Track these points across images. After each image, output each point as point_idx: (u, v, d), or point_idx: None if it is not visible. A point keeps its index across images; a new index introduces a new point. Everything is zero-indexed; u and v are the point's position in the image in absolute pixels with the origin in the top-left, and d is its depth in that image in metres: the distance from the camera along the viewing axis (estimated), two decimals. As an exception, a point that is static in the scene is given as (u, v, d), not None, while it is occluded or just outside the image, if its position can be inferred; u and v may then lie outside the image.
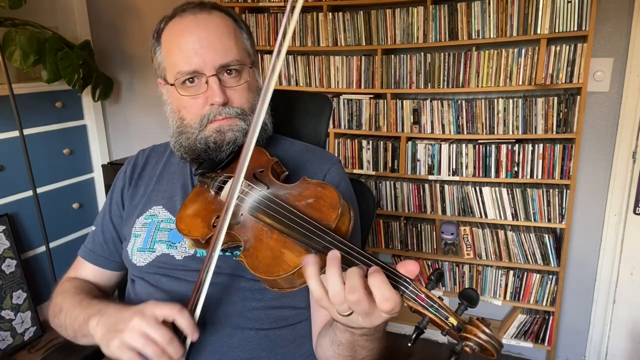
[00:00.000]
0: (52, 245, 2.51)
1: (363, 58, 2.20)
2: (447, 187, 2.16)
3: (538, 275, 2.10)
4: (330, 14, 2.20)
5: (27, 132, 2.34)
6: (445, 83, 2.08)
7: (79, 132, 2.73)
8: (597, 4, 1.80)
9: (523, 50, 1.93)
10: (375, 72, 2.18)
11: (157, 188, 1.03)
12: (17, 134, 2.26)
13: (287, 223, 0.69)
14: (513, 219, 2.08)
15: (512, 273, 2.15)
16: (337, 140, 2.32)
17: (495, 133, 2.04)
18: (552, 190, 2.00)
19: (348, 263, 0.62)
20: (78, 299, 0.93)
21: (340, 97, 2.28)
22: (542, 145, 1.99)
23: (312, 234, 0.65)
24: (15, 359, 2.28)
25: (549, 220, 2.03)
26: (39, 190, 2.40)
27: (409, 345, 0.57)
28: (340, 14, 2.18)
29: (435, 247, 2.27)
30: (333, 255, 0.61)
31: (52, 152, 2.57)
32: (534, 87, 1.95)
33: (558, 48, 1.89)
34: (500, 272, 2.17)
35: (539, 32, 1.88)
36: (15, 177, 2.36)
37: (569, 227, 2.00)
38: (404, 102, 2.16)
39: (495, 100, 2.01)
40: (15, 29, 2.05)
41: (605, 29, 1.91)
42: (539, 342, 2.17)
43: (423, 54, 2.09)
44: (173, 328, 0.74)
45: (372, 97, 2.23)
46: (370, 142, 2.27)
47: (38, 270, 2.51)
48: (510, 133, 2.02)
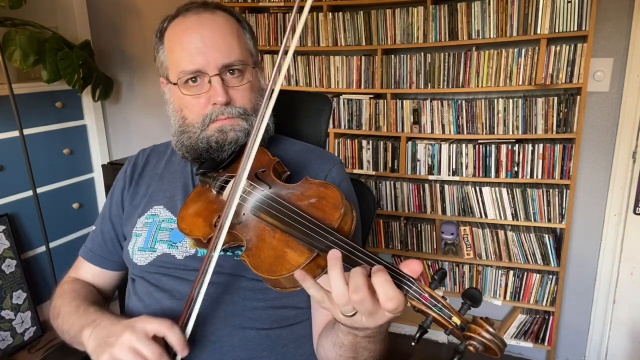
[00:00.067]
0: (52, 245, 2.50)
1: (363, 58, 2.20)
2: (447, 187, 2.16)
3: (538, 275, 2.10)
4: (330, 14, 2.20)
5: (27, 132, 2.34)
6: (445, 83, 2.08)
7: (79, 132, 2.72)
8: (597, 4, 1.81)
9: (523, 50, 1.93)
10: (375, 72, 2.18)
11: (158, 188, 1.03)
12: (17, 134, 2.25)
13: (289, 222, 0.69)
14: (513, 219, 2.09)
15: (512, 273, 2.15)
16: (337, 140, 2.32)
17: (495, 133, 2.05)
18: (552, 190, 2.00)
19: (351, 263, 0.62)
20: (75, 305, 0.93)
21: (340, 97, 2.28)
22: (542, 145, 1.99)
23: (315, 234, 0.65)
24: (15, 359, 2.27)
25: (549, 220, 2.03)
26: (39, 190, 2.40)
27: (413, 345, 0.57)
28: (340, 14, 2.18)
29: (435, 247, 2.27)
30: (334, 255, 0.61)
31: (52, 152, 2.56)
32: (534, 87, 1.95)
33: (558, 48, 1.89)
34: (500, 272, 2.18)
35: (539, 32, 1.89)
36: (15, 177, 2.36)
37: (569, 227, 2.01)
38: (404, 102, 2.16)
39: (495, 100, 2.01)
40: (15, 29, 2.05)
41: (605, 29, 1.91)
42: (539, 342, 2.17)
43: (423, 54, 2.09)
44: (164, 343, 0.74)
45: (372, 97, 2.23)
46: (370, 142, 2.27)
47: (38, 270, 2.50)
48: (510, 133, 2.02)
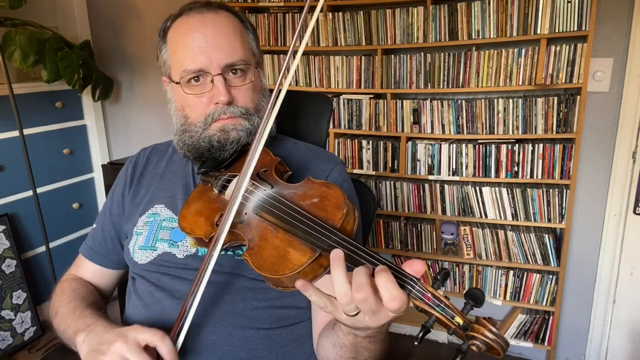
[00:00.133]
0: (52, 245, 2.51)
1: (363, 58, 2.20)
2: (447, 187, 2.16)
3: (538, 275, 2.10)
4: (330, 14, 2.20)
5: (27, 132, 2.34)
6: (445, 83, 2.08)
7: (79, 132, 2.73)
8: (597, 4, 1.81)
9: (523, 50, 1.94)
10: (375, 72, 2.18)
11: (159, 187, 1.03)
12: (17, 134, 2.25)
13: (292, 222, 0.69)
14: (513, 219, 2.09)
15: (512, 273, 2.15)
16: (337, 140, 2.32)
17: (495, 133, 2.05)
18: (552, 190, 2.00)
19: (354, 262, 0.62)
20: (73, 306, 0.94)
21: (340, 97, 2.28)
22: (542, 145, 1.99)
23: (318, 233, 0.65)
24: (15, 359, 2.27)
25: (549, 220, 2.03)
26: (39, 190, 2.40)
27: (416, 344, 0.58)
28: (340, 14, 2.18)
29: (435, 247, 2.27)
30: (336, 255, 0.61)
31: (52, 152, 2.56)
32: (534, 87, 1.95)
33: (558, 48, 1.89)
34: (500, 272, 2.18)
35: (539, 32, 1.89)
36: (15, 177, 2.36)
37: (569, 227, 2.01)
38: (404, 102, 2.16)
39: (495, 100, 2.01)
40: (15, 29, 2.05)
41: (605, 29, 1.91)
42: (539, 342, 2.17)
43: (423, 54, 2.09)
44: (156, 353, 0.75)
45: (372, 97, 2.23)
46: (370, 142, 2.27)
47: (38, 270, 2.50)
48: (510, 133, 2.02)
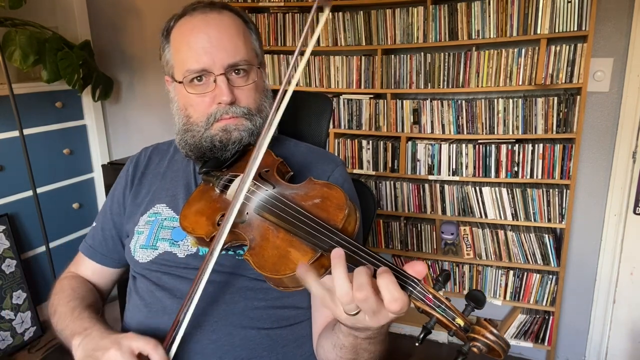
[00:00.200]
0: (52, 245, 2.51)
1: (363, 58, 2.20)
2: (447, 187, 2.16)
3: (538, 275, 2.11)
4: (330, 14, 2.20)
5: (27, 132, 2.34)
6: (445, 83, 2.09)
7: (79, 132, 2.73)
8: (597, 4, 1.81)
9: (523, 50, 1.94)
10: (375, 72, 2.18)
11: (160, 186, 1.03)
12: (17, 134, 2.25)
13: (294, 222, 0.69)
14: (513, 219, 2.09)
15: (512, 273, 2.15)
16: (337, 140, 2.32)
17: (495, 133, 2.05)
18: (552, 190, 2.00)
19: (355, 263, 0.62)
20: (71, 307, 0.94)
21: (340, 97, 2.28)
22: (542, 145, 1.99)
23: (319, 233, 0.66)
24: (15, 359, 2.27)
25: (549, 220, 2.03)
26: (39, 190, 2.40)
27: (417, 345, 0.58)
28: (340, 14, 2.18)
29: (435, 247, 2.28)
30: (337, 254, 0.61)
31: (52, 152, 2.56)
32: (534, 87, 1.95)
33: (558, 48, 1.89)
34: (500, 272, 2.18)
35: (539, 32, 1.89)
36: (15, 177, 2.36)
37: (569, 227, 2.01)
38: (404, 102, 2.16)
39: (495, 100, 2.02)
40: (15, 29, 2.05)
41: (605, 29, 1.92)
42: (539, 342, 2.17)
43: (423, 54, 2.09)
44: None
45: (372, 97, 2.23)
46: (370, 142, 2.27)
47: (38, 270, 2.50)
48: (510, 133, 2.03)
